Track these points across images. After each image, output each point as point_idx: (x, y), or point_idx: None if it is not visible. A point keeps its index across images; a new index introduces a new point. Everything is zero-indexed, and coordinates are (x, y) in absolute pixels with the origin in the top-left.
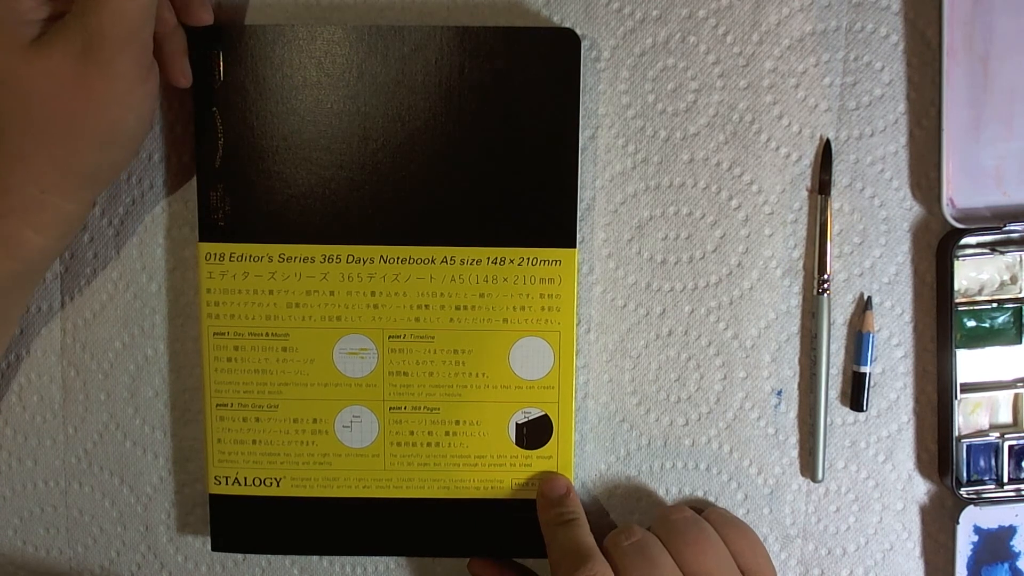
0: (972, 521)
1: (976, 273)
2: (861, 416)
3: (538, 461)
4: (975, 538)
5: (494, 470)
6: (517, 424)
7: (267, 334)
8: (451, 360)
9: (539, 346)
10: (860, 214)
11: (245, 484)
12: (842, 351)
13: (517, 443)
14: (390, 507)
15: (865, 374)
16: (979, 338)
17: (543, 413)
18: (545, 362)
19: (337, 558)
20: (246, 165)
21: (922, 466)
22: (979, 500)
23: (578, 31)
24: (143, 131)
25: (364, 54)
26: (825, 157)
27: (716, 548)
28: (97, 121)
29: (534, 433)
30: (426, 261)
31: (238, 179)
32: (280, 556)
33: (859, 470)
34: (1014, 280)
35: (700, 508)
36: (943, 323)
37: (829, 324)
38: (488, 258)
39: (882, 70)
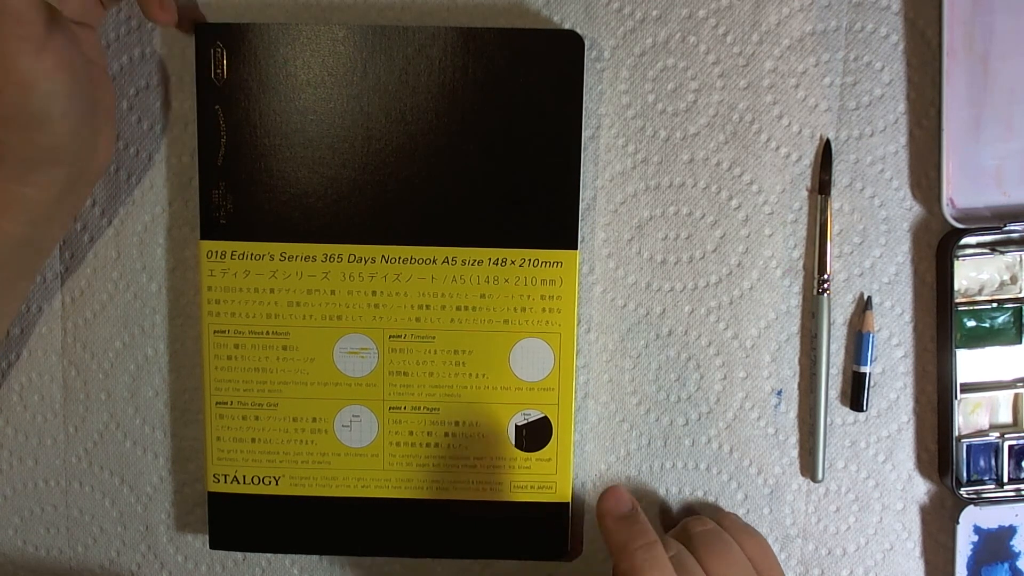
0: (972, 521)
1: (976, 273)
2: (861, 416)
3: (537, 463)
4: (975, 538)
5: (493, 471)
6: (517, 426)
7: (268, 332)
8: (451, 361)
9: (539, 348)
10: (860, 214)
11: (244, 482)
12: (842, 351)
13: (516, 445)
14: (388, 507)
15: (865, 374)
16: (979, 338)
17: (543, 415)
18: (545, 364)
19: (337, 558)
20: (248, 163)
21: (922, 466)
22: (979, 500)
23: (578, 31)
24: (71, 108)
25: (368, 54)
26: (825, 157)
27: (740, 560)
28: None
29: (533, 435)
30: (427, 261)
31: (240, 177)
32: (280, 556)
33: (859, 470)
34: (1014, 280)
35: (702, 512)
36: (943, 323)
37: (829, 324)
38: (489, 259)
39: (882, 70)
